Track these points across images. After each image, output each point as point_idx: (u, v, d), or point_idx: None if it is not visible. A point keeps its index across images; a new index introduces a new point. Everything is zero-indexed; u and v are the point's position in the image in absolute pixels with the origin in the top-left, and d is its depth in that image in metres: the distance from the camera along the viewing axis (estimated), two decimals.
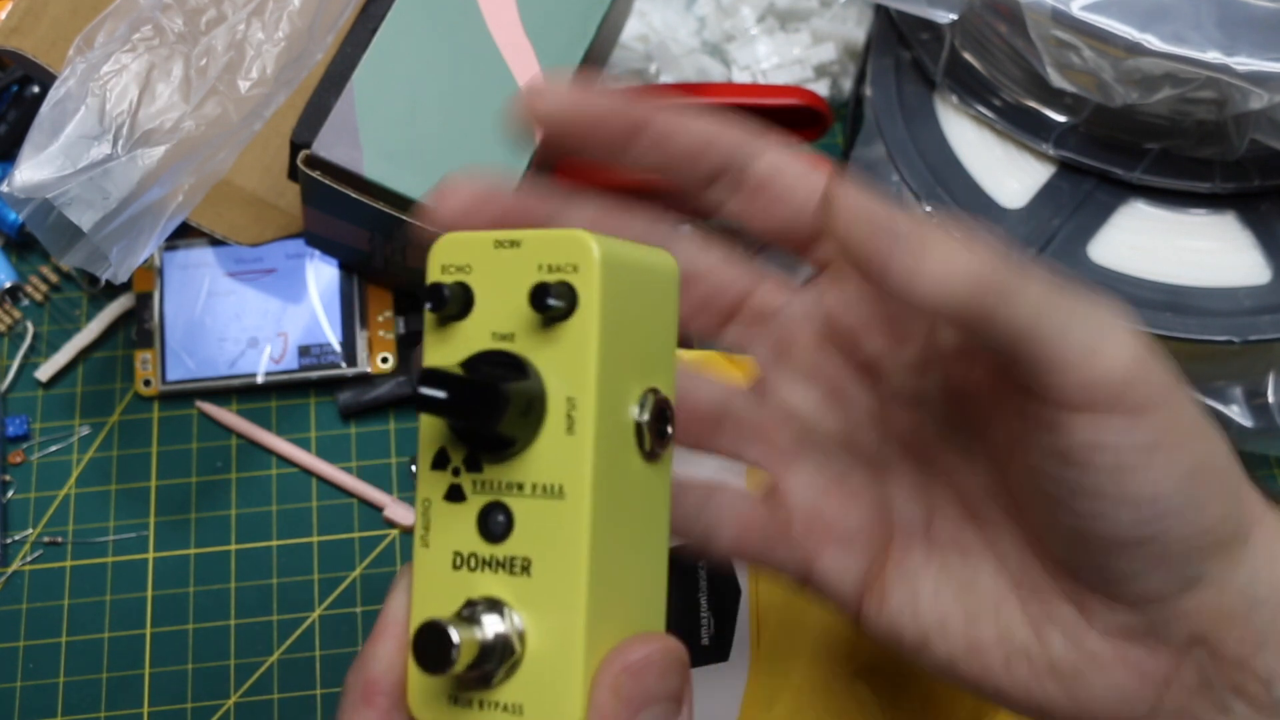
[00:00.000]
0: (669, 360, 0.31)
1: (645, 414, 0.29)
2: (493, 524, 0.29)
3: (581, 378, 0.28)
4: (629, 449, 0.29)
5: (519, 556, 0.28)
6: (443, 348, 0.30)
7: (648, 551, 0.30)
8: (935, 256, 0.28)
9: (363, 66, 0.54)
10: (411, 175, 0.53)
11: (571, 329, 0.28)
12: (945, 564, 0.34)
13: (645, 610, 0.30)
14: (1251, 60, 0.51)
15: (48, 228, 0.49)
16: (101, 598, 0.56)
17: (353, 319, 0.60)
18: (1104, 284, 0.55)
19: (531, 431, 0.28)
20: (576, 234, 0.28)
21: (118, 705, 0.53)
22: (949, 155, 0.59)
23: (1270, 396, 0.56)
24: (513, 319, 0.29)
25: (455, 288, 0.29)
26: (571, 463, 0.28)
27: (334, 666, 0.54)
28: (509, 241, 0.29)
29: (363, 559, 0.57)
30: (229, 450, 0.59)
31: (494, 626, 0.28)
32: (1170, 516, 0.30)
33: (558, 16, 0.56)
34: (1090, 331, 0.29)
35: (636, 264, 0.30)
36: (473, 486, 0.29)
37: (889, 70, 0.62)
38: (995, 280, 0.28)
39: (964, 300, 0.28)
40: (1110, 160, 0.57)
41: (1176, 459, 0.30)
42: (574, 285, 0.28)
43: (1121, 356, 0.29)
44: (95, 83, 0.49)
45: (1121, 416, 0.29)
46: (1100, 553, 0.31)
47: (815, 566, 0.35)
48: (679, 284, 0.31)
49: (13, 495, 0.58)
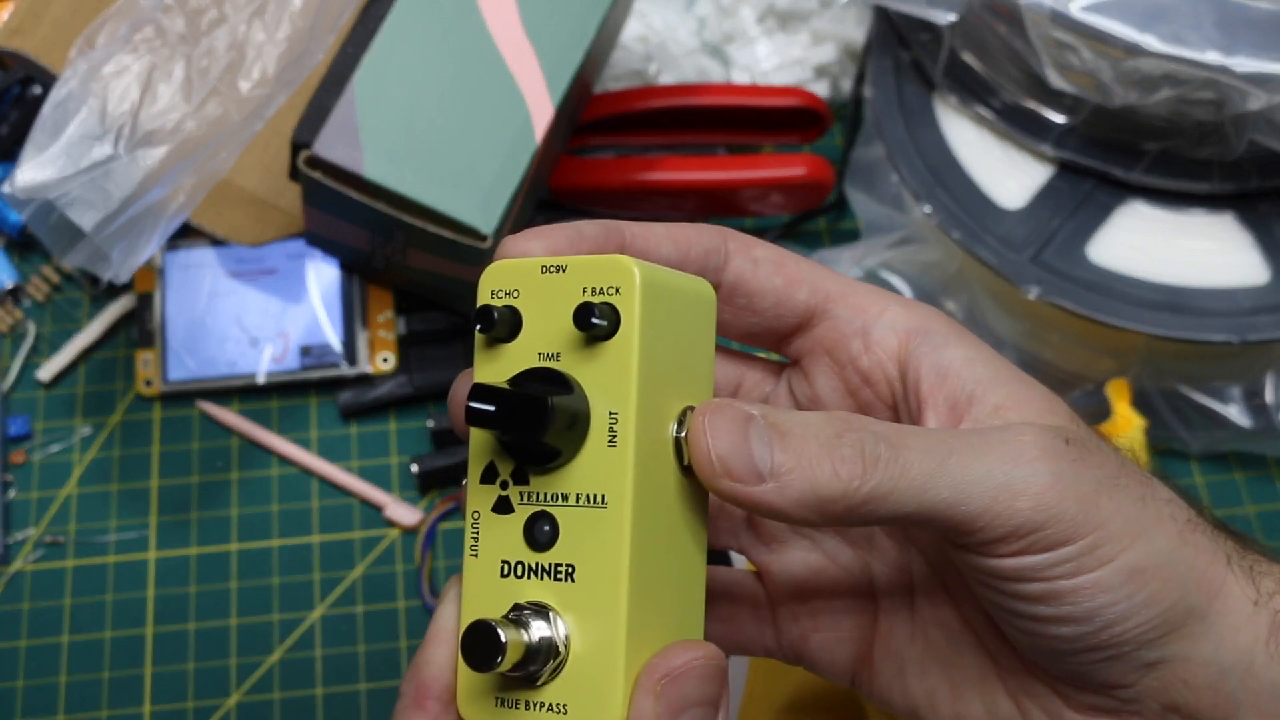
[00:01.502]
0: (707, 382, 0.32)
1: (684, 430, 0.31)
2: (538, 533, 0.30)
3: (623, 393, 0.30)
4: (668, 464, 0.31)
5: (564, 563, 0.30)
6: (491, 366, 0.31)
7: (686, 561, 0.31)
8: (792, 496, 0.29)
9: (363, 67, 0.54)
10: (412, 175, 0.53)
11: (613, 347, 0.30)
12: (929, 642, 0.35)
13: (685, 617, 0.31)
14: (1250, 61, 0.51)
15: (49, 228, 0.49)
16: (103, 597, 0.56)
17: (353, 319, 0.60)
18: (1103, 284, 0.55)
19: (576, 444, 0.30)
20: (619, 259, 0.30)
21: (119, 704, 0.53)
22: (948, 156, 0.59)
23: (1268, 396, 0.56)
24: (558, 339, 0.30)
25: (504, 311, 0.31)
26: (613, 473, 0.30)
27: (334, 666, 0.54)
28: (555, 267, 0.31)
29: (363, 559, 0.57)
30: (230, 450, 0.59)
31: (540, 630, 0.29)
32: (1113, 624, 0.31)
33: (558, 17, 0.56)
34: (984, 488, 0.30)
35: (676, 289, 0.31)
36: (520, 498, 0.31)
37: (888, 71, 0.62)
38: (864, 491, 0.29)
39: (840, 515, 0.29)
40: (1109, 161, 0.57)
41: (1108, 571, 0.30)
42: (616, 306, 0.30)
43: (1026, 501, 0.30)
44: (97, 83, 0.49)
45: (1038, 553, 0.30)
46: (1055, 657, 0.32)
47: (805, 648, 0.37)
48: (716, 310, 0.33)
49: (14, 495, 0.58)
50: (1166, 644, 0.31)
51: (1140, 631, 0.31)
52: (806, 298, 0.35)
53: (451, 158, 0.54)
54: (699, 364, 0.32)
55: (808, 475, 0.29)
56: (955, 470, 0.30)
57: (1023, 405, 0.33)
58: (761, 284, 0.34)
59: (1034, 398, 0.33)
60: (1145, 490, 0.32)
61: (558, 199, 0.63)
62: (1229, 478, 0.59)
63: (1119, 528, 0.30)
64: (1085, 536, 0.30)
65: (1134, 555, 0.31)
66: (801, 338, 0.36)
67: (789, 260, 0.35)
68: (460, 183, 0.53)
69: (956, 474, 0.30)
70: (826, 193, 0.63)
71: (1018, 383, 0.33)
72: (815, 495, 0.29)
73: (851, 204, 0.63)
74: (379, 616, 0.56)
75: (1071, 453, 0.31)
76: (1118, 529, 0.31)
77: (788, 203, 0.63)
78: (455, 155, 0.54)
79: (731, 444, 0.29)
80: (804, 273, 0.35)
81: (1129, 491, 0.31)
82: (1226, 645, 0.32)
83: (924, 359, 0.34)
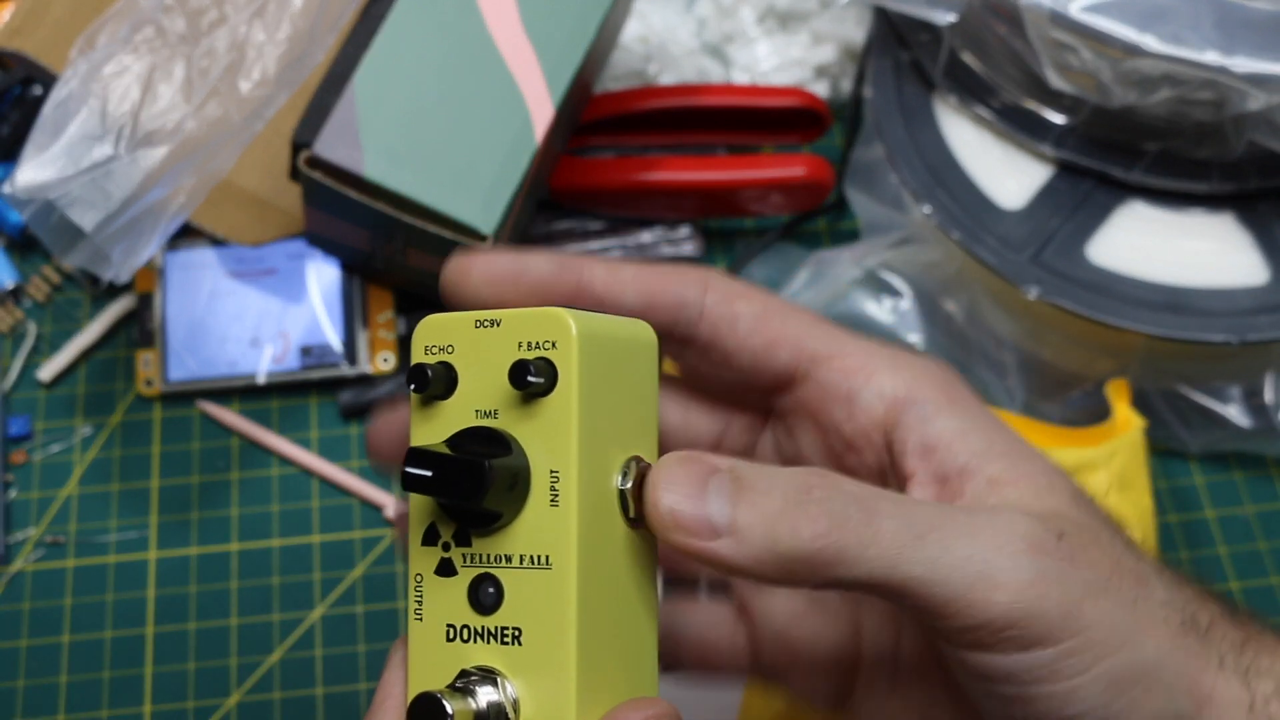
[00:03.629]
0: (651, 428, 0.31)
1: (628, 482, 0.30)
2: (483, 595, 0.30)
3: (563, 451, 0.29)
4: (613, 517, 0.30)
5: (510, 626, 0.29)
6: (428, 426, 0.30)
7: (637, 616, 0.31)
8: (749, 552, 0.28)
9: (363, 67, 0.54)
10: (412, 175, 0.53)
11: (552, 404, 0.29)
12: (908, 699, 0.34)
13: (636, 674, 0.31)
14: (1249, 61, 0.51)
15: (50, 228, 0.49)
16: (103, 597, 0.56)
17: (354, 319, 0.60)
18: (1103, 284, 0.55)
19: (517, 505, 0.29)
20: (554, 312, 0.29)
21: (119, 704, 0.53)
22: (948, 156, 0.59)
23: (1268, 396, 0.56)
24: (495, 396, 0.30)
25: (438, 368, 0.30)
26: (557, 533, 0.29)
27: (335, 666, 0.55)
28: (489, 321, 0.30)
29: (363, 558, 0.57)
30: (230, 450, 0.59)
31: (487, 696, 0.29)
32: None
33: (558, 17, 0.56)
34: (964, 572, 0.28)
35: (615, 337, 0.30)
36: (463, 560, 0.30)
37: (888, 71, 0.62)
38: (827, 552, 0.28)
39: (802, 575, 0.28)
40: (1109, 161, 0.57)
41: (1086, 679, 0.29)
42: (553, 361, 0.29)
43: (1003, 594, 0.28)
44: (97, 84, 0.49)
45: (1012, 653, 0.29)
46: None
47: (787, 685, 0.36)
48: (658, 354, 0.32)
49: (15, 495, 0.58)
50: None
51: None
52: (788, 359, 0.33)
53: (451, 158, 0.54)
54: (642, 411, 0.31)
55: (767, 531, 0.28)
56: (933, 547, 0.28)
57: (1020, 481, 0.31)
58: (740, 343, 0.33)
59: (1033, 473, 0.31)
60: (1138, 592, 0.30)
61: (558, 199, 0.63)
62: (1229, 478, 0.59)
63: (1102, 635, 0.29)
64: (1063, 641, 0.29)
65: (1116, 663, 0.29)
66: (784, 396, 0.34)
67: (773, 316, 0.33)
68: (460, 183, 0.53)
69: (934, 551, 0.28)
70: (826, 193, 0.63)
71: (1016, 455, 0.32)
72: (773, 552, 0.28)
73: (851, 204, 0.64)
74: (379, 616, 0.56)
75: (1062, 550, 0.29)
76: (1100, 636, 0.29)
77: (788, 203, 0.63)
78: (455, 155, 0.54)
79: (684, 495, 0.28)
80: (788, 330, 0.33)
81: (1119, 595, 0.30)
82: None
83: (910, 431, 0.32)
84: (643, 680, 0.31)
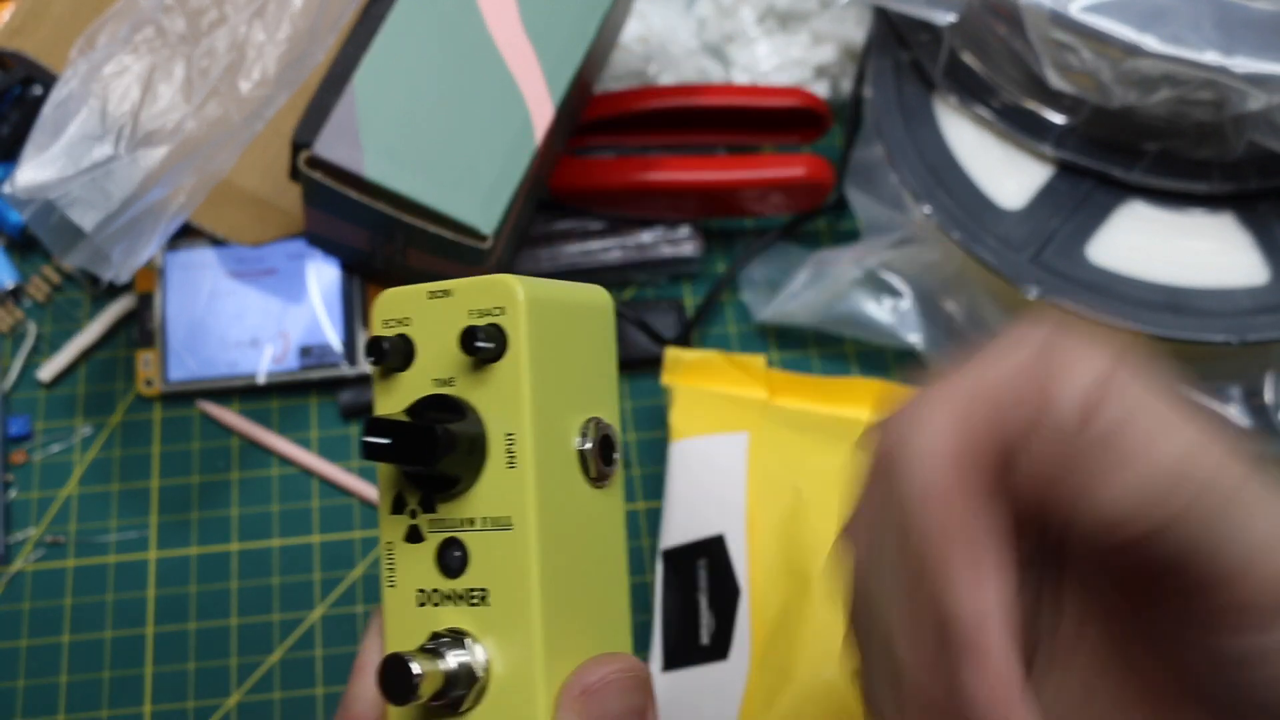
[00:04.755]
0: (611, 390, 0.32)
1: (588, 443, 0.31)
2: (450, 560, 0.30)
3: (517, 413, 0.30)
4: (574, 477, 0.31)
5: (476, 588, 0.30)
6: (389, 398, 0.31)
7: (604, 573, 0.32)
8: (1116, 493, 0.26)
9: (363, 67, 0.54)
10: (412, 175, 0.53)
11: (503, 368, 0.30)
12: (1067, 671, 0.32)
13: (607, 630, 0.31)
14: (1249, 61, 0.51)
15: (50, 228, 0.49)
16: (103, 597, 0.56)
17: (354, 319, 0.60)
18: (1102, 284, 0.55)
19: (476, 469, 0.30)
20: (502, 278, 0.30)
21: (119, 704, 0.53)
22: (948, 156, 0.59)
23: (1268, 396, 0.56)
24: (451, 365, 0.30)
25: (395, 340, 0.31)
26: (515, 494, 0.30)
27: (335, 666, 0.55)
28: (441, 291, 0.31)
29: (363, 558, 0.57)
30: (230, 450, 0.59)
31: (457, 657, 0.29)
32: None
33: (558, 17, 0.56)
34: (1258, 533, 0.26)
35: (566, 302, 0.31)
36: (429, 526, 0.31)
37: (888, 71, 0.62)
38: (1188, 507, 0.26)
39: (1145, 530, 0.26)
40: (1109, 161, 0.57)
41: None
42: (502, 326, 0.30)
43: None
44: (97, 84, 0.49)
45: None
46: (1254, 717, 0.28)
47: None
48: (614, 316, 0.33)
49: (15, 495, 0.58)
50: None
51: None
52: None
53: (451, 158, 0.54)
54: (600, 373, 0.32)
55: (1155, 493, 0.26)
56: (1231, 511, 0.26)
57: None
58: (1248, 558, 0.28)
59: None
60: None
61: (558, 199, 0.63)
62: None
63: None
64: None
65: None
66: None
67: None
68: (460, 183, 0.53)
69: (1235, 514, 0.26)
70: (826, 193, 0.63)
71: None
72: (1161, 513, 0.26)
73: (851, 204, 0.64)
74: None
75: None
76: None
77: (788, 203, 0.63)
78: (455, 155, 0.54)
79: None
80: None
81: None
82: None
83: None
84: (613, 637, 0.32)
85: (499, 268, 0.59)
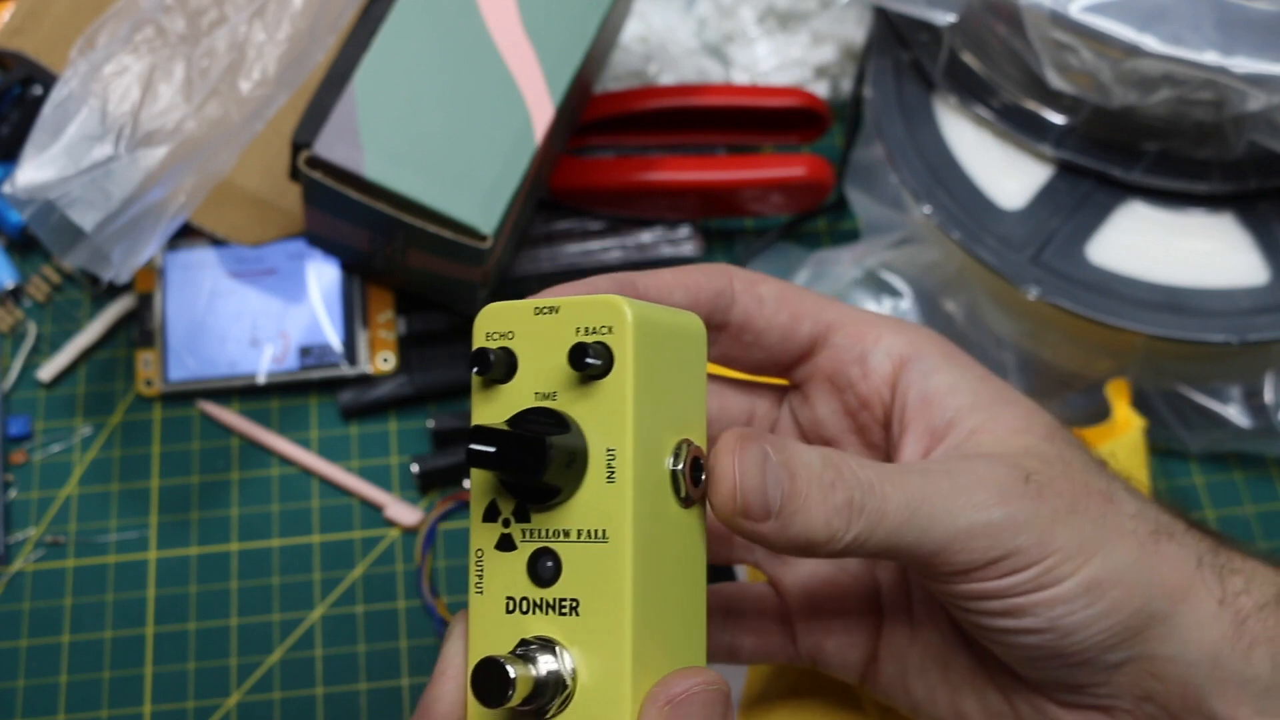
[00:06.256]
0: (700, 414, 0.33)
1: (680, 463, 0.32)
2: (542, 569, 0.31)
3: (620, 429, 0.30)
4: (666, 496, 0.32)
5: (568, 598, 0.31)
6: (489, 407, 0.32)
7: (687, 590, 0.32)
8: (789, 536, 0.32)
9: (363, 67, 0.54)
10: (412, 175, 0.53)
11: (608, 385, 0.31)
12: (926, 646, 0.38)
13: (687, 645, 0.32)
14: (1249, 62, 0.51)
15: (50, 228, 0.49)
16: (103, 597, 0.56)
17: (354, 319, 0.60)
18: (1102, 284, 0.55)
19: (575, 482, 0.31)
20: (611, 298, 0.31)
21: (119, 704, 0.53)
22: (948, 156, 0.59)
23: (1268, 396, 0.56)
24: (553, 379, 0.31)
25: (499, 352, 0.31)
26: (613, 508, 0.30)
27: (335, 666, 0.55)
28: (548, 308, 0.31)
29: (363, 558, 0.57)
30: (230, 450, 0.59)
31: (547, 664, 0.30)
32: (1073, 632, 0.34)
33: (558, 17, 0.56)
34: (951, 528, 0.33)
35: (666, 326, 0.32)
36: (522, 535, 0.31)
37: (888, 71, 0.62)
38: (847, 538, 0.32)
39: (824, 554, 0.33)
40: (1109, 161, 0.57)
41: (1065, 587, 0.33)
42: (609, 345, 0.30)
43: (982, 542, 0.33)
44: (97, 84, 0.49)
45: (995, 578, 0.33)
46: (1027, 665, 0.35)
47: (821, 654, 0.40)
48: (706, 344, 0.34)
49: (15, 495, 0.58)
50: (1131, 646, 0.34)
51: (1102, 638, 0.34)
52: (810, 329, 0.37)
53: (451, 158, 0.54)
54: (692, 397, 0.33)
55: (805, 520, 0.32)
56: (924, 518, 0.33)
57: (997, 428, 0.36)
58: (769, 320, 0.37)
59: (1009, 418, 0.36)
60: (1105, 509, 0.35)
61: (558, 199, 0.63)
62: (1229, 478, 0.59)
63: (1074, 549, 0.34)
64: (1038, 563, 0.33)
65: (1090, 570, 0.33)
66: (804, 365, 0.38)
67: (791, 295, 0.37)
68: (460, 183, 0.53)
69: (924, 521, 0.33)
70: (826, 193, 0.63)
71: (997, 404, 0.36)
72: (807, 538, 0.32)
73: (851, 204, 0.64)
74: (379, 616, 0.56)
75: (1030, 490, 0.34)
76: (1073, 550, 0.33)
77: (788, 203, 0.63)
78: (455, 155, 0.54)
79: (754, 483, 0.31)
80: (807, 306, 0.37)
81: (1086, 514, 0.34)
82: (1192, 643, 0.34)
83: (911, 385, 0.37)
84: (693, 650, 0.32)
85: (499, 268, 0.59)
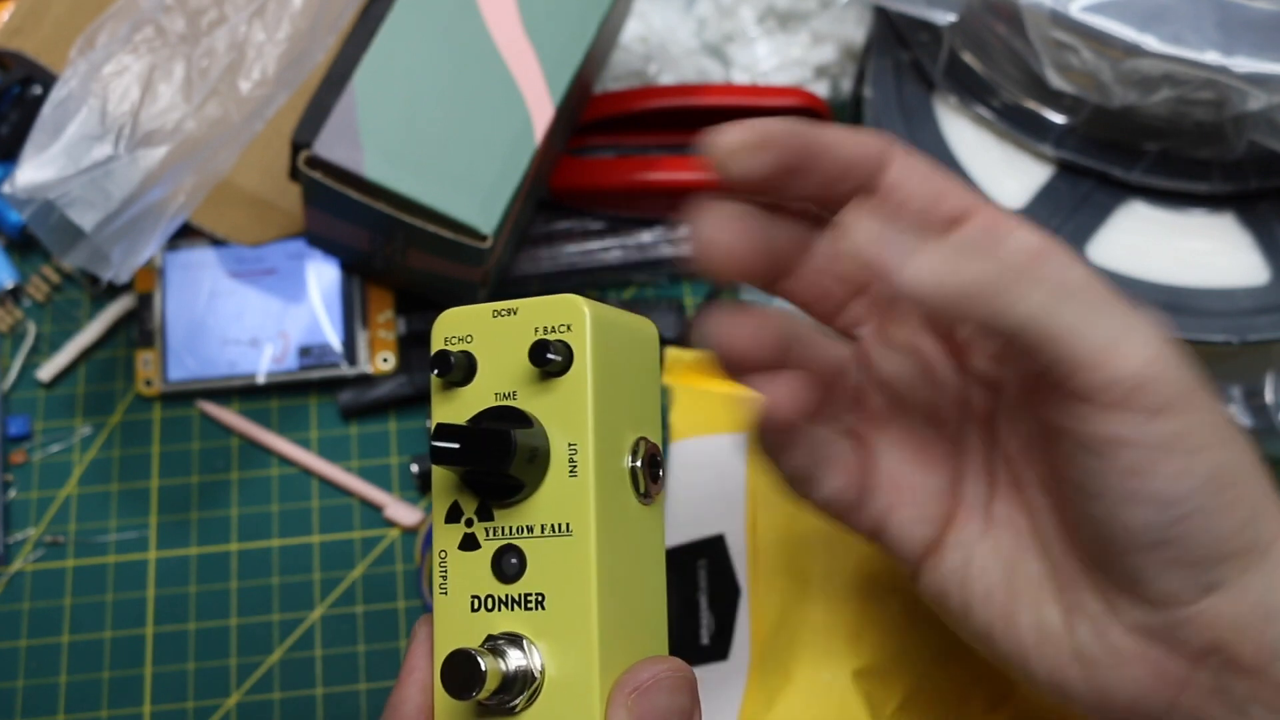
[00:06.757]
0: (655, 413, 0.34)
1: (637, 460, 0.32)
2: (506, 566, 0.31)
3: (580, 423, 0.31)
4: (625, 492, 0.32)
5: (533, 592, 0.31)
6: (449, 408, 0.32)
7: (648, 584, 0.33)
8: (924, 264, 0.31)
9: (363, 67, 0.54)
10: (412, 175, 0.53)
11: (568, 381, 0.31)
12: (998, 542, 0.37)
13: (651, 636, 0.33)
14: (1250, 61, 0.51)
15: (50, 228, 0.49)
16: (103, 597, 0.56)
17: (353, 319, 0.60)
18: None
19: (538, 477, 0.31)
20: (569, 298, 0.31)
21: (119, 704, 0.53)
22: (948, 156, 0.59)
23: (1269, 397, 0.56)
24: (513, 379, 0.32)
25: (459, 355, 0.32)
26: (576, 502, 0.31)
27: (335, 666, 0.55)
28: (506, 310, 0.32)
29: (363, 558, 0.57)
30: (230, 450, 0.59)
31: (516, 659, 0.30)
32: (1186, 520, 0.32)
33: (558, 17, 0.56)
34: (1106, 330, 0.31)
35: (621, 326, 0.33)
36: (485, 534, 0.32)
37: (888, 71, 0.62)
38: (988, 284, 0.31)
39: (955, 300, 0.31)
40: (1109, 161, 0.57)
41: (1194, 463, 0.31)
42: (569, 342, 0.31)
43: (1137, 356, 0.31)
44: (97, 83, 0.49)
45: (1136, 414, 0.31)
46: (1121, 551, 0.33)
47: (888, 523, 0.38)
48: (659, 348, 0.34)
49: (14, 495, 0.58)
50: (1225, 565, 0.32)
51: (1208, 539, 0.32)
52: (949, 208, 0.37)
53: (451, 158, 0.54)
54: (648, 396, 0.33)
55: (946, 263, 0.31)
56: (1082, 306, 0.31)
57: None
58: (916, 188, 0.37)
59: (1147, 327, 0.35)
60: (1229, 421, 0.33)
61: (558, 199, 0.63)
62: None
63: (1210, 427, 0.32)
64: (1185, 414, 0.31)
65: (1221, 456, 0.32)
66: None
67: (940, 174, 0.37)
68: (460, 183, 0.53)
69: (1082, 310, 0.31)
70: None
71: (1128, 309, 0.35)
72: (947, 283, 0.31)
73: None
74: (379, 616, 0.56)
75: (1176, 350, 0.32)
76: (1210, 425, 0.32)
77: None
78: (455, 155, 0.54)
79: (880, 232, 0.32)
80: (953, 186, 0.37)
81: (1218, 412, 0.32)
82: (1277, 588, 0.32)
83: None
84: (657, 641, 0.33)
85: (499, 268, 0.59)
